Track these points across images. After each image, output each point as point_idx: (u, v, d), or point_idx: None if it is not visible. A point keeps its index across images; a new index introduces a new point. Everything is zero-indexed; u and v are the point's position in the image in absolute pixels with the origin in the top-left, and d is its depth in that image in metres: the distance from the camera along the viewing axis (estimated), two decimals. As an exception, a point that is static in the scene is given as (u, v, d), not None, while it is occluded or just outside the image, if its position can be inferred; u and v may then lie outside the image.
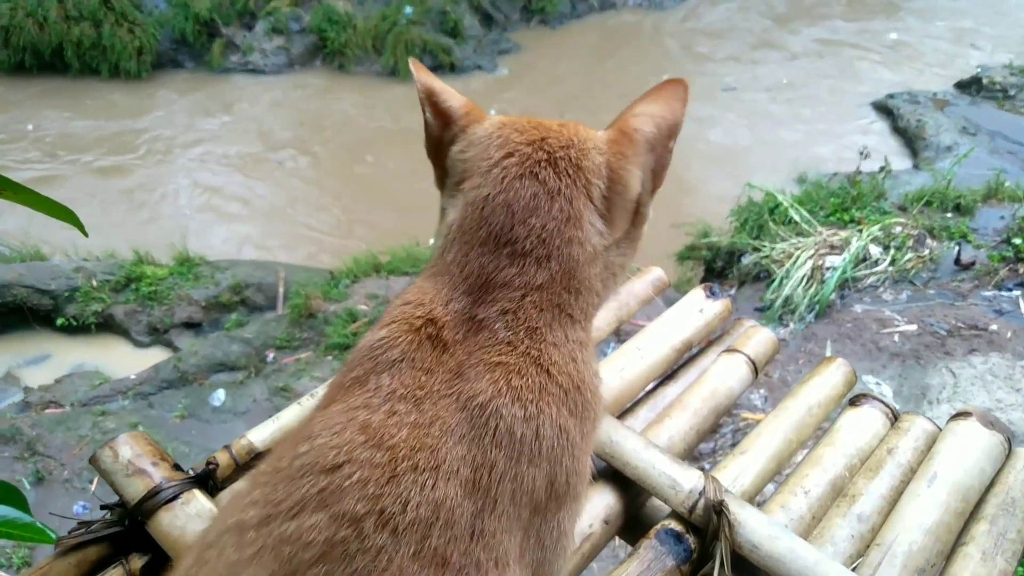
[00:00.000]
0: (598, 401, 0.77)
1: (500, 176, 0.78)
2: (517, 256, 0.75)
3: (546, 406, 0.70)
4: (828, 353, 3.88)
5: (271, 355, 4.73)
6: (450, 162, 0.85)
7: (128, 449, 0.96)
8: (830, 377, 1.14)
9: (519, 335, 0.73)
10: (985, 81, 7.64)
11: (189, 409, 4.30)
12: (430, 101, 0.87)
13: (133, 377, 4.59)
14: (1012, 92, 7.42)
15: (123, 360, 4.95)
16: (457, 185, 0.82)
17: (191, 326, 5.13)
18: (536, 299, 0.75)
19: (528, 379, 0.70)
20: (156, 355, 4.96)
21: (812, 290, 4.32)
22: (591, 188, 0.79)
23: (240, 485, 0.78)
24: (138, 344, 5.07)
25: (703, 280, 5.18)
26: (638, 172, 0.82)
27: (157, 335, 5.07)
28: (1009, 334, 3.78)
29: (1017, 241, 4.32)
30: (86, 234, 0.75)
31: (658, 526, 0.91)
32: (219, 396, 4.38)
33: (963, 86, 7.90)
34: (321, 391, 0.93)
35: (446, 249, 0.80)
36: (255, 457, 1.02)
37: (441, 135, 0.87)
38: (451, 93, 0.87)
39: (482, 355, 0.71)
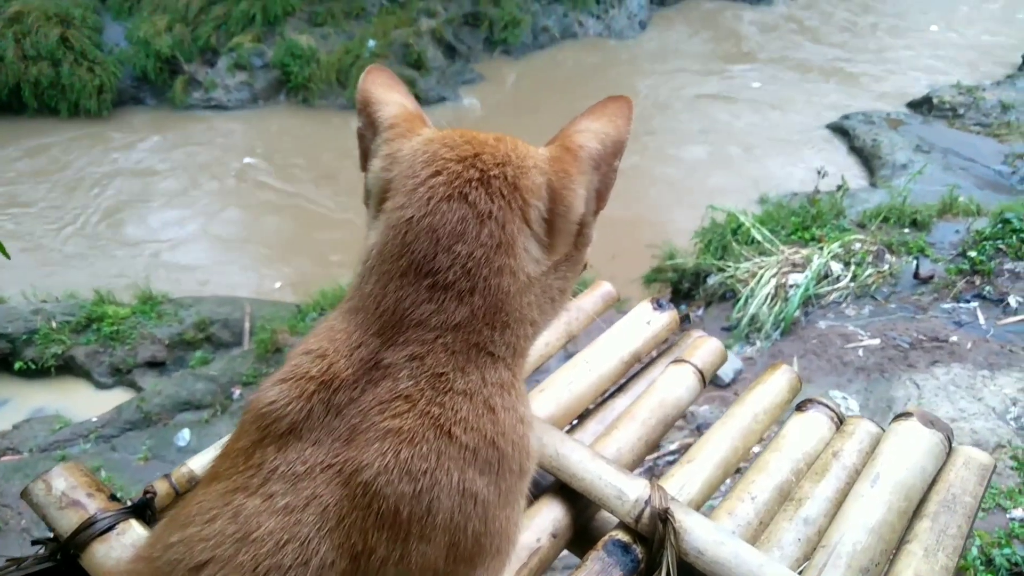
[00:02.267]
0: (521, 450, 0.70)
1: (426, 196, 0.70)
2: (437, 290, 0.69)
3: (443, 475, 0.63)
4: (796, 370, 3.92)
5: (237, 392, 4.66)
6: (371, 179, 0.78)
7: (62, 481, 0.93)
8: (775, 383, 1.15)
9: (420, 386, 0.66)
10: (935, 101, 7.88)
11: (153, 450, 4.21)
12: (365, 111, 0.82)
13: (95, 420, 4.49)
14: (961, 111, 7.66)
15: (85, 402, 4.84)
16: (379, 205, 0.75)
17: (155, 365, 5.04)
18: (449, 341, 0.68)
19: (422, 447, 0.64)
20: (119, 396, 4.86)
21: (777, 308, 4.37)
22: (528, 210, 0.72)
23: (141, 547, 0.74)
24: (100, 386, 4.97)
25: (670, 302, 5.21)
26: (582, 192, 0.76)
27: (120, 376, 4.98)
28: (969, 345, 3.85)
29: (972, 254, 4.43)
30: (7, 255, 0.73)
31: (606, 537, 0.91)
32: (184, 436, 4.29)
33: (915, 106, 8.14)
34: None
35: (364, 279, 0.73)
36: (195, 485, 1.00)
37: (369, 147, 0.81)
38: (388, 103, 0.81)
39: (375, 416, 0.65)
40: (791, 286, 4.45)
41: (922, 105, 8.05)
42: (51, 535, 0.91)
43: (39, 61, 7.97)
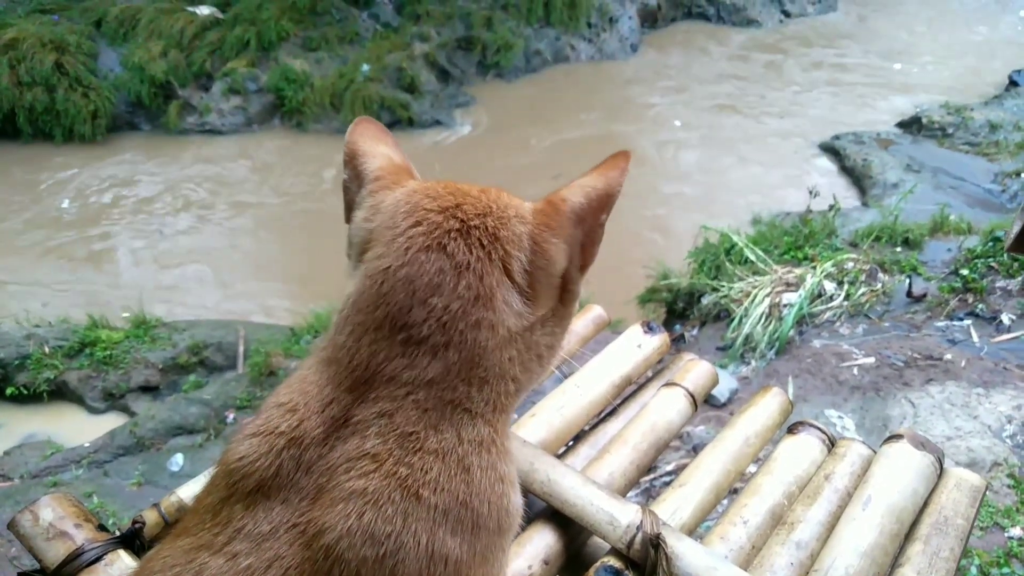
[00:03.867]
0: (500, 509, 0.68)
1: (404, 247, 0.69)
2: (411, 344, 0.67)
3: (410, 538, 0.62)
4: (791, 389, 3.92)
5: (231, 415, 4.63)
6: (353, 230, 0.78)
7: (50, 511, 0.92)
8: (766, 406, 1.15)
9: (388, 445, 0.64)
10: (925, 120, 7.96)
11: (146, 476, 4.17)
12: (351, 163, 0.81)
13: (87, 445, 4.45)
14: (950, 130, 7.74)
15: (77, 428, 4.80)
16: (359, 256, 0.74)
17: (148, 390, 5.01)
18: (421, 397, 0.67)
19: (387, 508, 0.62)
20: (112, 421, 4.82)
21: (771, 327, 4.38)
22: (509, 261, 0.71)
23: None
24: (93, 411, 4.93)
25: (665, 322, 5.22)
26: (563, 245, 0.74)
27: (113, 400, 4.94)
28: (963, 363, 3.86)
29: (965, 272, 4.45)
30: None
31: (597, 564, 0.90)
32: (177, 461, 4.26)
33: (905, 125, 8.22)
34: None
35: (339, 329, 0.72)
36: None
37: (355, 199, 0.81)
38: (374, 155, 0.81)
39: (341, 476, 0.63)
40: (785, 305, 4.46)
41: (911, 125, 8.13)
42: (39, 567, 0.90)
43: (34, 87, 7.98)
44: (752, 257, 4.86)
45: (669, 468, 3.51)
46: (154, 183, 7.78)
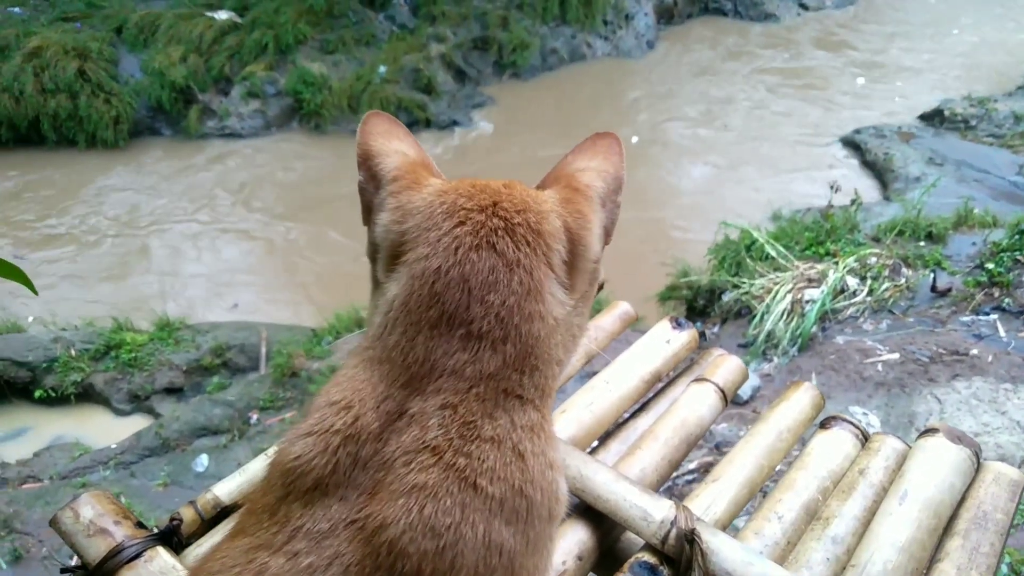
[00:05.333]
0: (551, 496, 0.70)
1: (453, 246, 0.71)
2: (471, 339, 0.69)
3: (468, 528, 0.62)
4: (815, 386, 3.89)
5: (255, 416, 4.67)
6: (381, 232, 0.78)
7: (90, 509, 0.94)
8: (798, 401, 1.14)
9: (449, 435, 0.66)
10: (947, 113, 7.86)
11: (172, 476, 4.21)
12: (366, 164, 0.81)
13: (114, 446, 4.51)
14: (973, 123, 7.64)
15: (104, 430, 4.86)
16: (394, 258, 0.75)
17: (172, 391, 5.07)
18: (481, 390, 0.68)
19: (446, 501, 0.63)
20: (137, 423, 4.89)
21: (793, 324, 4.35)
22: (551, 254, 0.74)
23: None
24: (119, 412, 5.00)
25: (686, 319, 5.20)
26: (599, 231, 0.78)
27: (138, 402, 5.00)
28: (990, 358, 3.81)
29: (990, 266, 4.39)
30: (35, 292, 0.73)
31: (632, 559, 0.90)
32: (202, 461, 4.30)
33: (927, 118, 8.12)
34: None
35: (387, 330, 0.72)
36: (221, 512, 1.00)
37: (373, 200, 0.81)
38: (389, 153, 0.81)
39: (401, 469, 0.64)
40: (807, 301, 4.42)
41: (934, 118, 8.03)
42: (78, 563, 0.91)
43: (57, 94, 8.11)
44: (773, 253, 4.82)
45: (692, 466, 3.50)
46: (175, 187, 7.87)
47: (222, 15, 9.15)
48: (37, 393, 4.89)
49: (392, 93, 8.66)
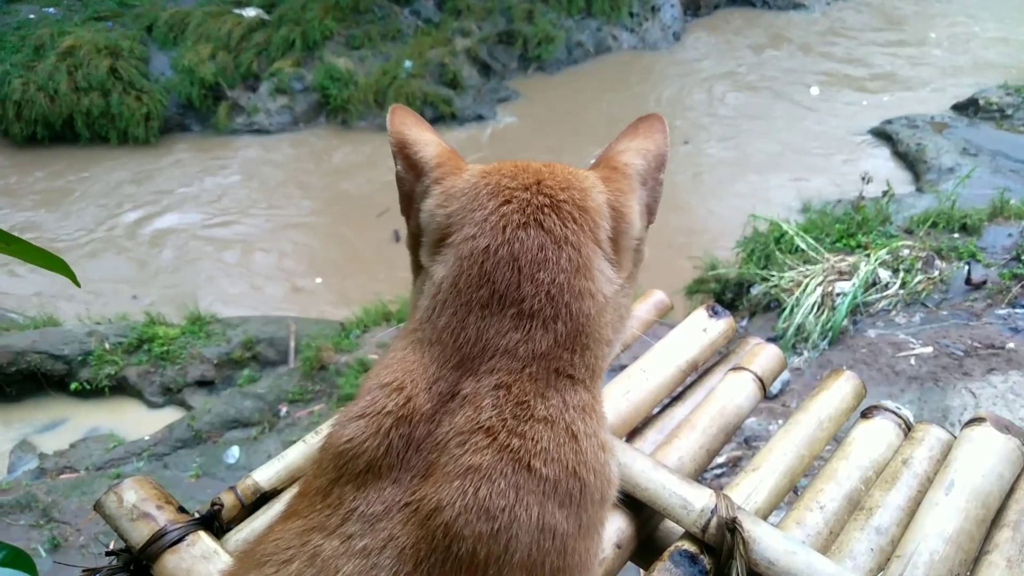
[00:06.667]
0: (603, 478, 0.69)
1: (500, 225, 0.70)
2: (523, 318, 0.68)
3: (523, 511, 0.62)
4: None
5: (284, 409, 4.72)
6: (425, 218, 0.77)
7: (133, 493, 0.95)
8: (839, 390, 1.13)
9: (504, 415, 0.65)
10: (982, 102, 7.70)
11: (204, 468, 4.27)
12: (402, 153, 0.81)
13: (147, 438, 4.59)
14: (1009, 112, 7.47)
15: (137, 422, 4.95)
16: (440, 241, 0.75)
17: (204, 384, 5.14)
18: (534, 369, 0.68)
19: (500, 483, 0.62)
20: (170, 415, 4.96)
21: (824, 317, 4.29)
22: (598, 231, 0.73)
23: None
24: (152, 405, 5.08)
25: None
26: (638, 207, 0.78)
27: (170, 395, 5.08)
28: (1027, 351, 3.73)
29: (1027, 257, 4.30)
30: (78, 284, 0.74)
31: (671, 548, 0.89)
32: (233, 453, 4.36)
33: (960, 108, 7.96)
34: (325, 428, 0.91)
35: (436, 311, 0.72)
36: (260, 497, 1.01)
37: (413, 189, 0.81)
38: (426, 142, 0.81)
39: (455, 450, 0.64)
40: (838, 294, 4.36)
41: (968, 107, 7.87)
42: (123, 546, 0.93)
43: (90, 92, 8.24)
44: (803, 246, 4.76)
45: (721, 460, 3.47)
46: (205, 182, 7.97)
47: (250, 12, 9.23)
48: (73, 386, 4.99)
49: (418, 88, 8.68)
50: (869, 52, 10.05)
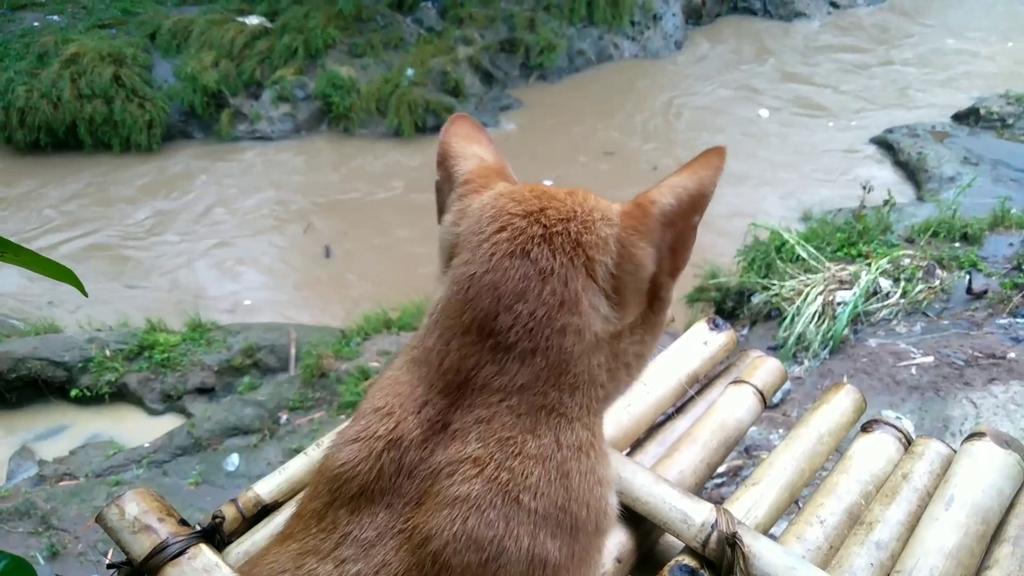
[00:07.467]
0: (598, 512, 0.68)
1: (489, 253, 0.69)
2: (500, 350, 0.67)
3: (512, 542, 0.62)
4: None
5: (284, 417, 4.72)
6: (441, 233, 0.77)
7: (135, 506, 0.95)
8: (839, 404, 1.13)
9: (489, 450, 0.64)
10: (983, 112, 7.71)
11: (203, 475, 4.27)
12: (443, 164, 0.80)
13: (147, 445, 4.58)
14: (1010, 121, 7.48)
15: (137, 429, 4.95)
16: (448, 260, 0.74)
17: (204, 391, 5.14)
18: (514, 403, 0.66)
19: (489, 514, 0.62)
20: (170, 422, 4.96)
21: (825, 326, 4.29)
22: (593, 265, 0.69)
23: None
24: (152, 412, 5.08)
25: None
26: (651, 249, 0.72)
27: (171, 402, 5.08)
28: (1028, 361, 3.72)
29: (1028, 267, 4.30)
30: (85, 294, 0.74)
31: (672, 562, 0.89)
32: (233, 461, 4.36)
33: (960, 117, 7.97)
34: (327, 440, 0.92)
35: (428, 332, 0.72)
36: (262, 510, 1.01)
37: (445, 201, 0.80)
38: (467, 156, 0.80)
39: (444, 480, 0.64)
40: (839, 304, 4.36)
41: (968, 116, 7.88)
42: (124, 559, 0.93)
43: (93, 99, 8.27)
44: (804, 254, 4.77)
45: (722, 469, 3.47)
46: (207, 190, 7.98)
47: (253, 20, 9.27)
48: (73, 392, 4.99)
49: (420, 96, 8.70)
50: (870, 61, 10.07)
